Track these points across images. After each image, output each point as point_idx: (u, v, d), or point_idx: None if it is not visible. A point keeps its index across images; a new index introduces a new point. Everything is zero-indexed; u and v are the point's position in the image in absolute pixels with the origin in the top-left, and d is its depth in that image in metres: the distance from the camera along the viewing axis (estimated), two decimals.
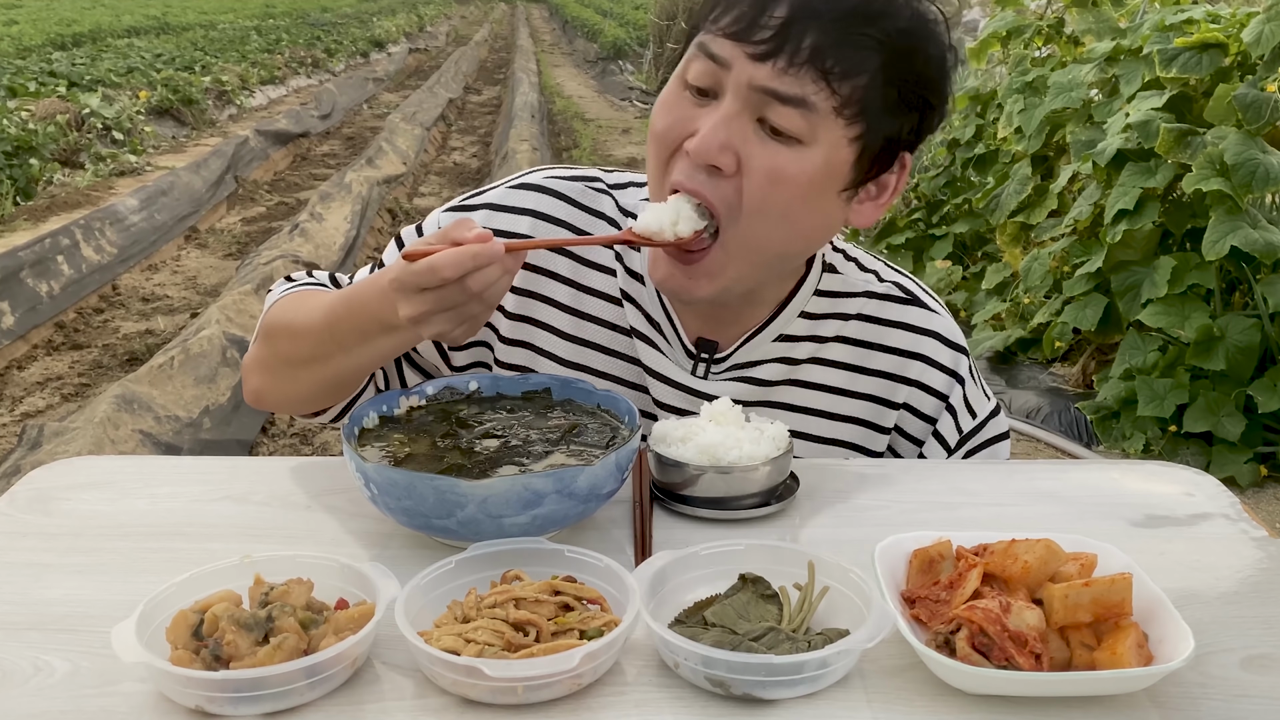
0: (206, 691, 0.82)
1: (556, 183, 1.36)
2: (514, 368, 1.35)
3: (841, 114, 1.11)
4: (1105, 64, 4.69)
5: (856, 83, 1.10)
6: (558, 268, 1.34)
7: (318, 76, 18.02)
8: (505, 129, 11.40)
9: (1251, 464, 3.83)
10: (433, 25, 35.21)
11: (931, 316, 1.36)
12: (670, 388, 1.32)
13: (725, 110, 1.12)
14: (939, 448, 1.36)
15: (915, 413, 1.35)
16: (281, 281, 1.42)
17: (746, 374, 1.32)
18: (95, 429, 3.68)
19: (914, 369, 1.34)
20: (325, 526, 1.12)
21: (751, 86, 1.10)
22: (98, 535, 1.09)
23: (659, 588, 0.94)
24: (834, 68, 1.09)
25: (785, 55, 1.08)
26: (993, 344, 4.85)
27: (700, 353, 1.32)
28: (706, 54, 1.13)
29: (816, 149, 1.12)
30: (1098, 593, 0.87)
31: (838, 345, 1.34)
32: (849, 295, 1.35)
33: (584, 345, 1.34)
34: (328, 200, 7.71)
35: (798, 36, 1.08)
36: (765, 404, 1.33)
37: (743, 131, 1.12)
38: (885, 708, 0.84)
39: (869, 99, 1.11)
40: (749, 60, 1.10)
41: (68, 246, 6.37)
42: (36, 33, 19.88)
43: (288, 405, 1.34)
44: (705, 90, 1.14)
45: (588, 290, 1.34)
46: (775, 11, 1.09)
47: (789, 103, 1.10)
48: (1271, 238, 3.75)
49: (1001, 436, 1.39)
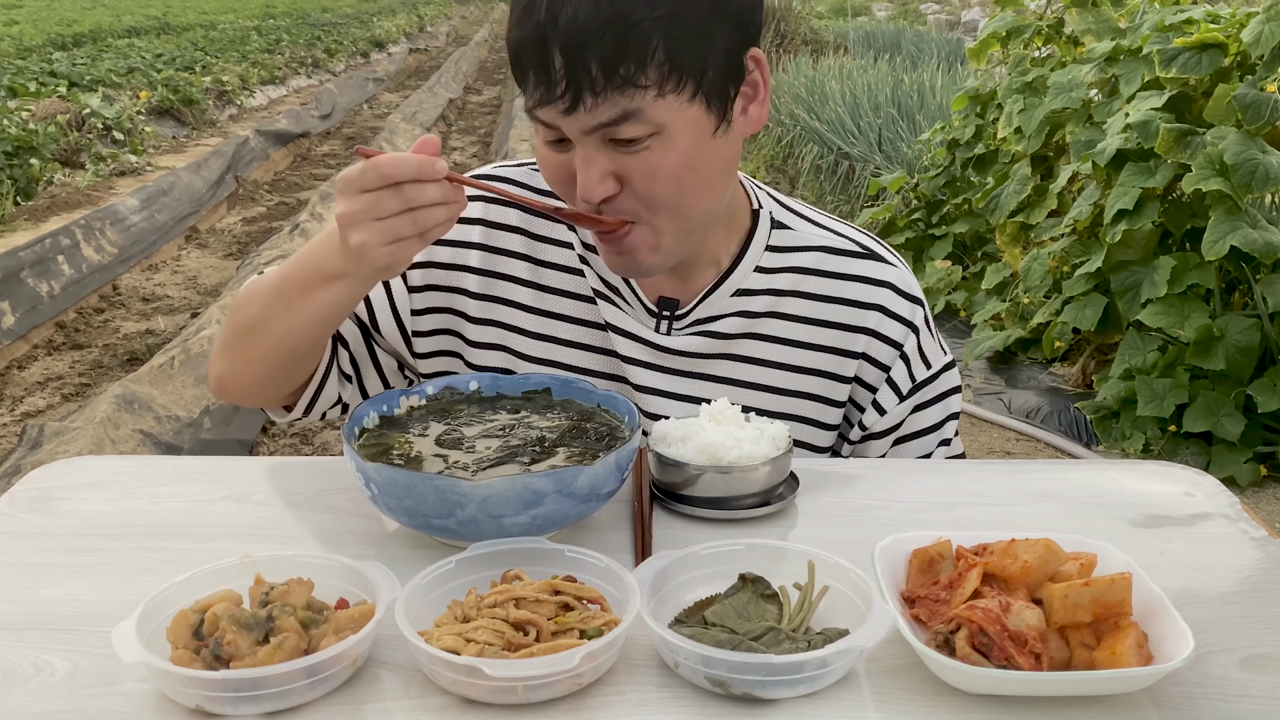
0: (207, 691, 0.82)
1: (502, 169, 1.44)
2: (485, 347, 1.40)
3: (664, 93, 1.14)
4: (1105, 64, 4.69)
5: (656, 65, 1.13)
6: (513, 245, 1.40)
7: (318, 76, 18.00)
8: (505, 129, 11.41)
9: (1251, 464, 3.83)
10: (433, 25, 35.20)
11: (887, 269, 1.39)
12: (635, 343, 1.36)
13: (581, 155, 1.17)
14: (891, 394, 1.39)
15: (872, 361, 1.38)
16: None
17: (707, 328, 1.36)
18: (95, 429, 3.68)
19: (871, 319, 1.37)
20: (325, 526, 1.12)
21: (584, 131, 1.15)
22: (98, 535, 1.09)
23: (659, 588, 0.94)
24: (629, 72, 1.12)
25: (587, 95, 1.12)
26: (992, 344, 4.85)
27: (662, 310, 1.36)
28: (538, 121, 1.19)
29: (672, 129, 1.16)
30: (1097, 593, 0.87)
31: (795, 299, 1.37)
32: (803, 249, 1.38)
33: (549, 316, 1.39)
34: (328, 200, 7.71)
35: (585, 73, 1.11)
36: (726, 356, 1.36)
37: (607, 159, 1.17)
38: (885, 708, 0.84)
39: (679, 64, 1.14)
40: (564, 116, 1.14)
41: (68, 246, 6.37)
42: (37, 33, 19.88)
43: (246, 390, 1.35)
44: (560, 140, 1.19)
45: (545, 264, 1.40)
46: (554, 64, 1.12)
47: (619, 122, 1.14)
48: (1271, 238, 3.75)
49: (954, 390, 1.42)
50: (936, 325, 1.47)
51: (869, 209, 6.53)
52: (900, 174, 6.45)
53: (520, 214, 1.40)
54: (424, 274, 1.40)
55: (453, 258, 1.40)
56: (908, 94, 8.66)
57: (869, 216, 6.33)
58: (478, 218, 1.40)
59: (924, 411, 1.40)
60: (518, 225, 1.40)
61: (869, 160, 7.98)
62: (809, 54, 12.04)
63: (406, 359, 1.44)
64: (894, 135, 8.02)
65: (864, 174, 7.90)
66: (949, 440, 1.42)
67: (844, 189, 8.26)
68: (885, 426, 1.40)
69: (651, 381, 1.36)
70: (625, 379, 1.37)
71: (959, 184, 5.91)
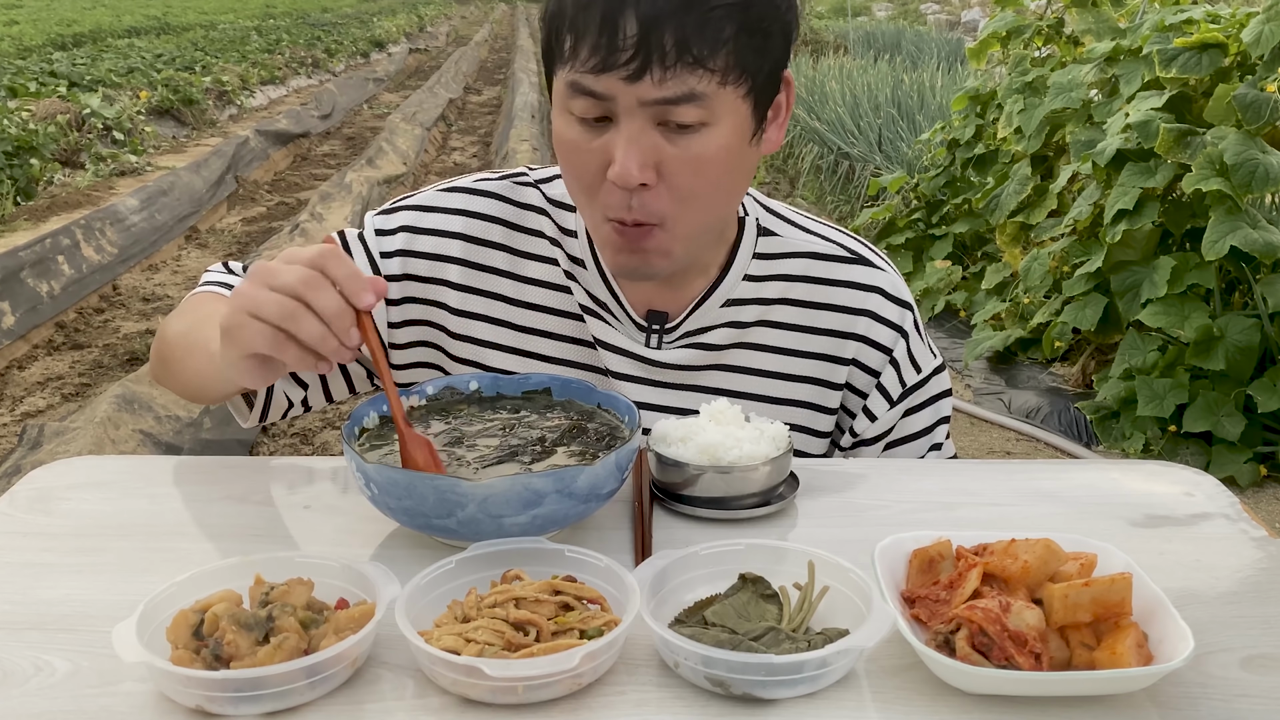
0: (207, 691, 0.82)
1: (483, 183, 1.40)
2: (466, 363, 1.38)
3: (726, 83, 1.14)
4: (1105, 64, 4.69)
5: (727, 52, 1.13)
6: (495, 262, 1.37)
7: (318, 76, 18.00)
8: (505, 129, 11.41)
9: (1251, 464, 3.83)
10: (433, 25, 35.20)
11: (876, 273, 1.39)
12: (624, 358, 1.35)
13: (627, 133, 1.14)
14: (882, 400, 1.38)
15: (862, 367, 1.38)
16: (218, 269, 1.43)
17: (697, 340, 1.35)
18: (95, 429, 3.68)
19: (860, 324, 1.37)
20: (325, 526, 1.12)
21: (641, 104, 1.13)
22: (98, 535, 1.09)
23: (659, 588, 0.94)
24: (702, 52, 1.11)
25: (656, 66, 1.10)
26: (993, 344, 4.85)
27: (651, 324, 1.35)
28: (583, 93, 1.14)
29: (721, 124, 1.16)
30: (1098, 592, 0.87)
31: (785, 307, 1.36)
32: (790, 256, 1.37)
33: (532, 334, 1.37)
34: (328, 200, 7.72)
35: (659, 43, 1.09)
36: (717, 367, 1.36)
37: (652, 143, 1.15)
38: (885, 708, 0.84)
39: (743, 58, 1.14)
40: (625, 84, 1.11)
41: (68, 246, 6.37)
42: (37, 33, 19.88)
43: (180, 394, 1.37)
44: (599, 119, 1.16)
45: (528, 280, 1.37)
46: (628, 30, 1.10)
47: (681, 101, 1.12)
48: (1271, 238, 3.75)
49: (945, 393, 1.42)
50: (937, 325, 1.48)
51: (869, 209, 6.53)
52: (900, 174, 6.45)
53: (504, 229, 1.37)
54: (402, 287, 1.36)
55: (431, 271, 1.36)
56: (908, 94, 8.67)
57: (869, 217, 6.33)
58: (458, 232, 1.36)
59: (914, 416, 1.40)
60: (500, 242, 1.37)
61: (869, 160, 7.98)
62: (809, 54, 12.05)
63: (371, 379, 1.39)
64: (894, 135, 8.02)
65: (864, 174, 7.91)
66: (940, 445, 1.41)
67: (844, 189, 8.26)
68: (876, 432, 1.39)
69: (642, 396, 1.35)
70: None
71: (959, 184, 5.92)
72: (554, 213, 1.37)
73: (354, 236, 1.38)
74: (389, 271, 1.36)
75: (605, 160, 1.16)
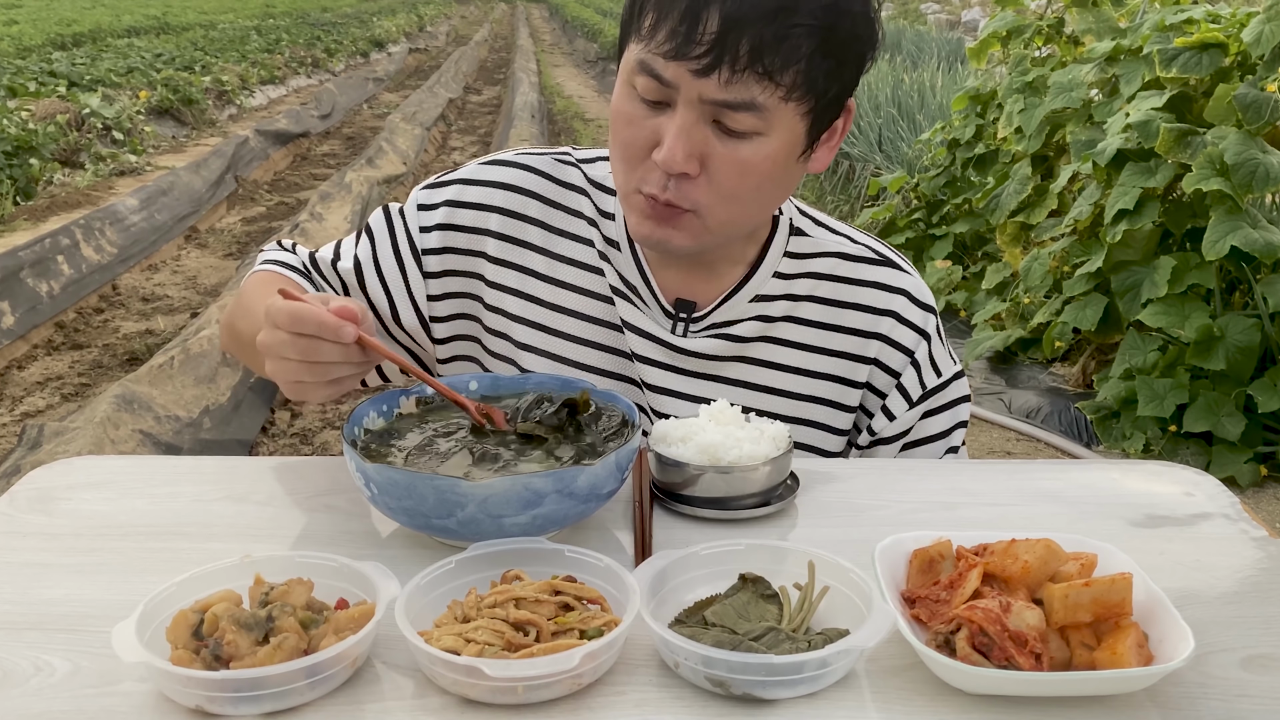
0: (206, 691, 0.82)
1: (526, 157, 1.42)
2: (498, 335, 1.40)
3: (789, 100, 1.15)
4: (1105, 64, 4.70)
5: (797, 69, 1.13)
6: (530, 238, 1.39)
7: (318, 76, 18.01)
8: (505, 129, 11.41)
9: (1251, 464, 3.83)
10: (433, 25, 35.20)
11: (903, 276, 1.40)
12: (650, 342, 1.36)
13: (681, 122, 1.15)
14: (901, 400, 1.39)
15: (883, 368, 1.39)
16: (273, 246, 1.48)
17: (724, 331, 1.36)
18: (95, 429, 3.68)
19: (884, 325, 1.38)
20: (325, 526, 1.12)
21: (701, 100, 1.14)
22: (98, 535, 1.09)
23: (659, 588, 0.94)
24: (774, 65, 1.11)
25: (726, 67, 1.11)
26: (993, 344, 4.85)
27: (679, 313, 1.36)
28: (649, 73, 1.15)
29: (774, 135, 1.17)
30: (1098, 593, 0.87)
31: (811, 304, 1.38)
32: (820, 255, 1.39)
33: (559, 311, 1.38)
34: (328, 200, 7.71)
35: (734, 46, 1.10)
36: (741, 359, 1.37)
37: (703, 137, 1.16)
38: (885, 708, 0.84)
39: (812, 79, 1.15)
40: (692, 76, 1.12)
41: (68, 246, 6.37)
42: (36, 33, 19.88)
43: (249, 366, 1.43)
44: (657, 101, 1.17)
45: (561, 259, 1.39)
46: (708, 25, 1.10)
47: (739, 108, 1.14)
48: (1271, 238, 3.75)
49: (964, 399, 1.43)
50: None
51: (869, 209, 6.54)
52: (900, 174, 6.46)
53: (541, 205, 1.39)
54: (440, 260, 1.39)
55: (470, 244, 1.39)
56: (908, 94, 8.67)
57: (869, 216, 6.33)
58: (498, 205, 1.39)
59: (933, 418, 1.40)
60: (537, 217, 1.39)
61: (869, 160, 7.98)
62: None
63: (425, 347, 1.43)
64: (894, 135, 8.02)
65: (864, 174, 7.91)
66: (956, 449, 1.42)
67: (844, 189, 8.26)
68: (894, 432, 1.40)
69: (664, 382, 1.36)
70: (636, 379, 1.37)
71: (959, 184, 5.92)
72: (594, 194, 1.39)
73: (396, 211, 1.42)
74: (426, 246, 1.39)
75: (654, 140, 1.18)
